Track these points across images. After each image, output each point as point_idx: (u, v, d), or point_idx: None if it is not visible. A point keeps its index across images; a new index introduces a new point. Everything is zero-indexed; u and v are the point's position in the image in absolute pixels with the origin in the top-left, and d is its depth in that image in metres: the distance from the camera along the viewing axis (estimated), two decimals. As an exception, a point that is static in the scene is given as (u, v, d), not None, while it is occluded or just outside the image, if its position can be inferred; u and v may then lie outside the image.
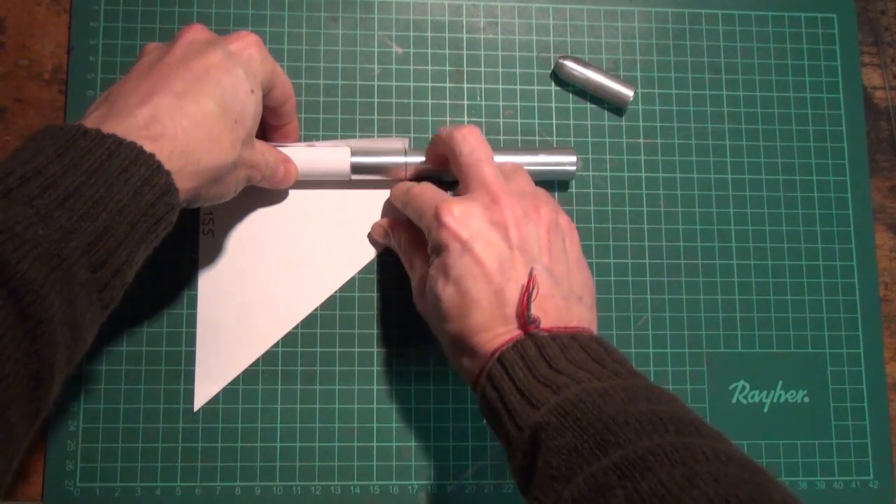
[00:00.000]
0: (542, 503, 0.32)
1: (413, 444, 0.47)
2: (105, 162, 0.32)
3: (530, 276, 0.37)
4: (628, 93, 0.50)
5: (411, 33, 0.51)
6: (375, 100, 0.50)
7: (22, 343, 0.28)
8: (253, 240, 0.47)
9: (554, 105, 0.51)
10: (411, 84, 0.50)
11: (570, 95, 0.51)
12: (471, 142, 0.41)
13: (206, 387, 0.46)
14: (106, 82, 0.48)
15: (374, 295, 0.48)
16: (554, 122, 0.50)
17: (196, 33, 0.38)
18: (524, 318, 0.36)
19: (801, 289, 0.50)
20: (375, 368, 0.47)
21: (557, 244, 0.40)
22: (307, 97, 0.49)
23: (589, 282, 0.41)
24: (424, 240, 0.42)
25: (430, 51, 0.51)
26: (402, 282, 0.48)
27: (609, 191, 0.50)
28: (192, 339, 0.46)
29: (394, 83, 0.50)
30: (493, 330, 0.37)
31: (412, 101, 0.50)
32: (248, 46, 0.38)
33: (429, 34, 0.51)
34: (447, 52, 0.51)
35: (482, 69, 0.51)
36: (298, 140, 0.47)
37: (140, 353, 0.46)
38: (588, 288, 0.40)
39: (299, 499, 0.46)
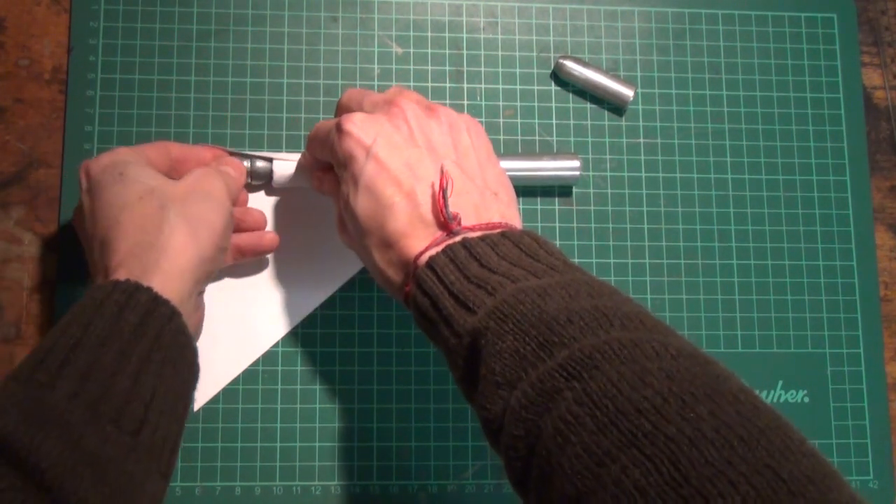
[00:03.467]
0: (489, 411, 0.30)
1: (413, 444, 0.47)
2: (87, 307, 0.33)
3: (442, 172, 0.35)
4: (628, 93, 0.50)
5: (411, 33, 0.51)
6: (375, 100, 0.50)
7: None
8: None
9: (554, 105, 0.51)
10: (411, 84, 0.50)
11: (570, 95, 0.51)
12: (351, 92, 0.41)
13: (207, 387, 0.46)
14: (106, 82, 0.48)
15: (374, 295, 0.48)
16: (554, 122, 0.50)
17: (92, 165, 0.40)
18: (443, 216, 0.35)
19: (801, 289, 0.50)
20: (375, 368, 0.47)
21: (464, 140, 0.38)
22: (307, 97, 0.49)
23: (503, 177, 0.39)
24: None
25: (430, 51, 0.51)
26: (402, 282, 0.48)
27: (609, 191, 0.50)
28: (192, 339, 0.46)
29: (394, 83, 0.50)
30: (414, 234, 0.35)
31: (412, 101, 0.50)
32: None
33: (429, 34, 0.51)
34: (447, 52, 0.51)
35: (482, 69, 0.51)
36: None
37: (140, 353, 0.46)
38: (503, 184, 0.39)
39: (299, 499, 0.46)
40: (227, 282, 0.47)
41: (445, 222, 0.35)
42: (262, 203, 0.47)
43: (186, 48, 0.49)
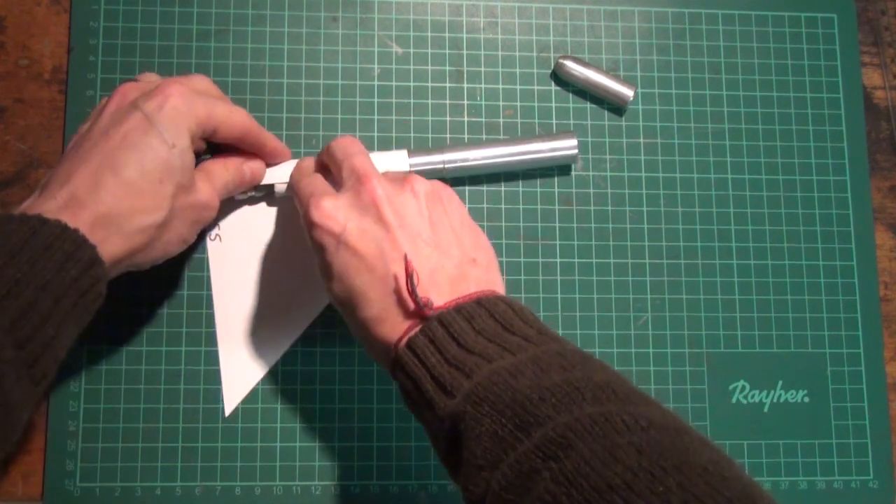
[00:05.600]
0: (472, 493, 0.31)
1: (413, 444, 0.47)
2: (29, 240, 0.33)
3: (406, 261, 0.35)
4: (628, 93, 0.50)
5: (411, 33, 0.51)
6: (375, 100, 0.50)
7: None
8: (259, 242, 0.47)
9: (554, 105, 0.51)
10: (411, 84, 0.50)
11: (570, 95, 0.51)
12: (340, 143, 0.41)
13: (236, 389, 0.46)
14: (106, 82, 0.48)
15: (374, 295, 0.48)
16: (554, 122, 0.50)
17: (122, 97, 0.39)
18: (413, 304, 0.35)
19: (801, 289, 0.50)
20: (375, 368, 0.47)
21: (437, 211, 0.38)
22: (307, 97, 0.49)
23: (481, 241, 0.39)
24: None
25: (430, 51, 0.51)
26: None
27: (609, 191, 0.50)
28: (192, 339, 0.46)
29: (394, 83, 0.50)
30: (389, 320, 0.36)
31: (412, 101, 0.50)
32: (167, 99, 0.37)
33: (429, 34, 0.51)
34: (447, 52, 0.51)
35: (482, 69, 0.51)
36: (291, 155, 0.46)
37: (140, 352, 0.46)
38: (482, 248, 0.39)
39: (299, 499, 0.46)
40: (241, 286, 0.47)
41: (417, 310, 0.35)
42: (264, 214, 0.47)
43: (186, 48, 0.49)
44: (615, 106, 0.51)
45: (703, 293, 0.50)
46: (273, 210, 0.47)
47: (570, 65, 0.50)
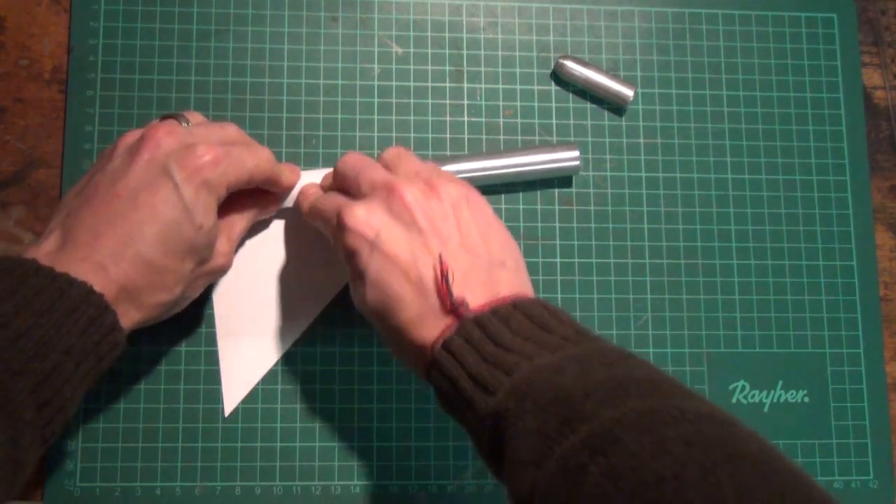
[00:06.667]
0: (518, 490, 0.31)
1: (413, 444, 0.47)
2: (56, 302, 0.33)
3: (441, 261, 0.35)
4: (628, 93, 0.50)
5: (411, 33, 0.51)
6: (375, 100, 0.50)
7: None
8: (259, 243, 0.47)
9: (554, 105, 0.51)
10: (411, 84, 0.50)
11: (570, 95, 0.51)
12: (348, 161, 0.41)
13: (235, 390, 0.46)
14: (106, 82, 0.48)
15: (374, 295, 0.48)
16: (554, 122, 0.50)
17: (155, 147, 0.37)
18: (449, 305, 0.35)
19: (801, 289, 0.50)
20: (375, 368, 0.47)
21: (465, 215, 0.38)
22: (307, 97, 0.49)
23: (509, 244, 0.39)
24: None
25: (430, 51, 0.51)
26: (402, 282, 0.48)
27: (609, 191, 0.50)
28: (192, 339, 0.46)
29: (394, 83, 0.50)
30: (425, 323, 0.36)
31: (412, 101, 0.50)
32: (200, 172, 0.37)
33: (429, 34, 0.51)
34: (447, 52, 0.51)
35: (482, 69, 0.51)
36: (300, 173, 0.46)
37: (139, 352, 0.46)
38: (510, 251, 0.39)
39: (299, 499, 0.46)
40: (241, 288, 0.47)
41: (453, 309, 0.35)
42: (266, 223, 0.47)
43: (186, 48, 0.49)
44: (615, 106, 0.51)
45: (703, 293, 0.50)
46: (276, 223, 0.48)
47: (570, 65, 0.50)
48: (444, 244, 0.36)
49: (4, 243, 0.47)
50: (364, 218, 0.37)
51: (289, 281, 0.47)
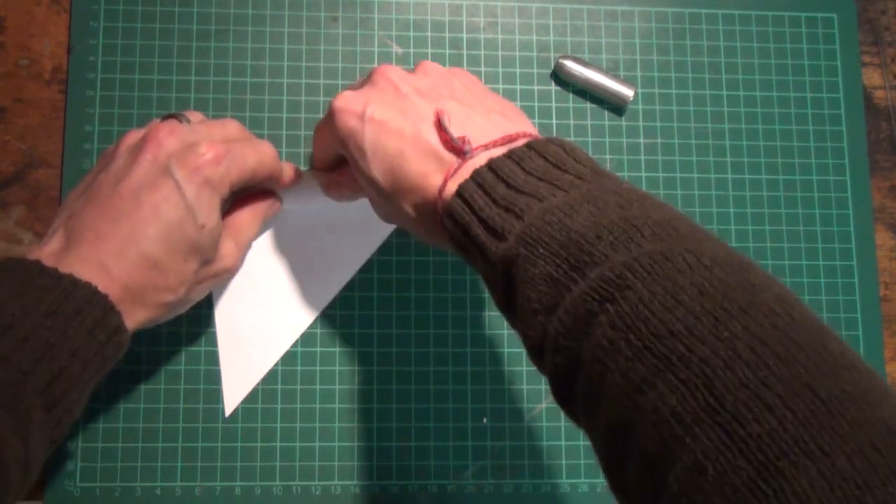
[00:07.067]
0: (530, 338, 0.30)
1: (413, 444, 0.47)
2: (62, 303, 0.33)
3: (435, 111, 0.35)
4: (628, 93, 0.50)
5: (411, 33, 0.51)
6: (375, 100, 0.50)
7: None
8: (259, 242, 0.47)
9: (554, 105, 0.51)
10: (411, 84, 0.50)
11: (570, 95, 0.51)
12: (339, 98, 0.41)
13: (236, 390, 0.46)
14: (106, 82, 0.48)
15: (374, 295, 0.48)
16: (554, 122, 0.50)
17: (157, 147, 0.37)
18: (450, 143, 0.34)
19: (802, 289, 0.50)
20: (375, 368, 0.47)
21: (454, 84, 0.38)
22: (307, 97, 0.49)
23: (504, 100, 0.38)
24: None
25: (430, 51, 0.51)
26: (402, 281, 0.48)
27: (609, 191, 0.50)
28: (192, 339, 0.46)
29: (394, 83, 0.50)
30: (431, 171, 0.35)
31: (412, 101, 0.50)
32: (202, 170, 0.37)
33: (429, 34, 0.51)
34: (447, 52, 0.51)
35: (482, 69, 0.51)
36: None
37: (139, 352, 0.46)
38: (507, 105, 0.38)
39: (299, 499, 0.46)
40: (241, 289, 0.47)
41: (453, 147, 0.34)
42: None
43: (186, 48, 0.49)
44: (615, 106, 0.51)
45: (703, 293, 0.49)
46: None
47: (570, 65, 0.50)
48: (436, 100, 0.36)
49: (4, 243, 0.47)
50: (351, 97, 0.37)
51: (289, 281, 0.47)
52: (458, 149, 0.34)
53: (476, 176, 0.33)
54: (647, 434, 0.25)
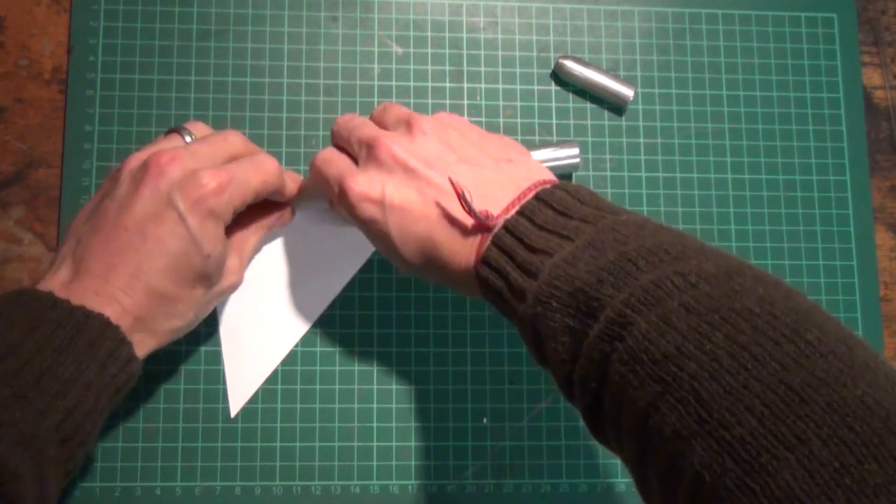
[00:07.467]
0: (560, 382, 0.32)
1: (413, 444, 0.47)
2: (75, 337, 0.34)
3: (452, 183, 0.35)
4: (628, 93, 0.50)
5: (411, 33, 0.51)
6: (375, 100, 0.50)
7: None
8: (262, 247, 0.47)
9: (554, 105, 0.51)
10: (411, 84, 0.50)
11: (570, 95, 0.51)
12: (340, 122, 0.41)
13: (240, 391, 0.46)
14: (106, 82, 0.48)
15: (374, 295, 0.48)
16: (554, 122, 0.50)
17: (158, 174, 0.37)
18: (476, 221, 0.35)
19: (801, 289, 0.50)
20: (375, 368, 0.47)
21: (454, 138, 0.38)
22: (307, 97, 0.49)
23: (506, 142, 0.39)
24: None
25: (430, 51, 0.51)
26: (402, 281, 0.48)
27: (609, 191, 0.50)
28: (192, 339, 0.46)
29: (394, 83, 0.50)
30: (464, 248, 0.36)
31: (412, 101, 0.50)
32: (205, 201, 0.37)
33: (429, 34, 0.51)
34: (447, 51, 0.51)
35: (482, 69, 0.51)
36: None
37: (140, 352, 0.46)
38: (511, 147, 0.39)
39: (299, 499, 0.46)
40: (244, 292, 0.47)
41: (479, 222, 0.35)
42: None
43: (186, 48, 0.49)
44: (615, 106, 0.51)
45: (703, 293, 0.50)
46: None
47: (570, 65, 0.50)
48: (445, 170, 0.37)
49: (4, 243, 0.47)
50: (365, 184, 0.37)
51: (291, 282, 0.47)
52: (484, 225, 0.35)
53: (497, 240, 0.34)
54: (658, 455, 0.26)
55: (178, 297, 0.38)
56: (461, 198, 0.35)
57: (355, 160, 0.40)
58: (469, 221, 0.35)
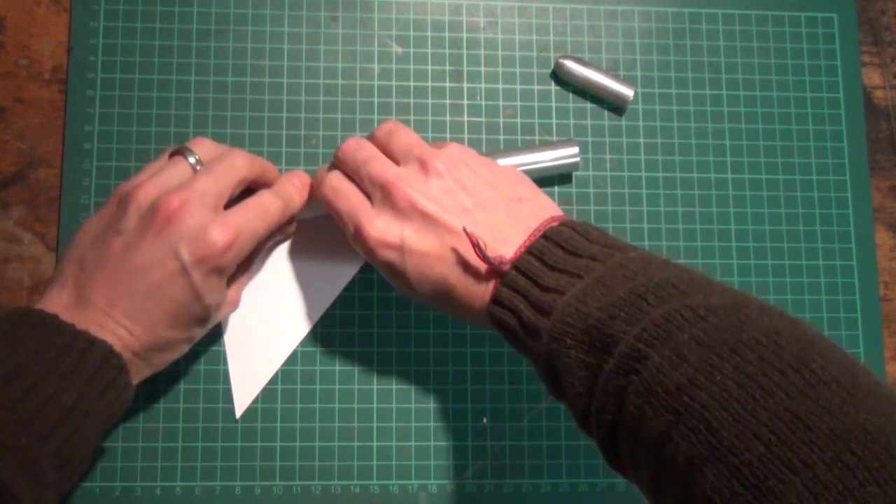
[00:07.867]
0: (577, 416, 0.33)
1: (413, 444, 0.47)
2: (79, 364, 0.35)
3: (466, 233, 0.36)
4: (628, 93, 0.50)
5: (411, 33, 0.51)
6: (375, 100, 0.50)
7: None
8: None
9: (554, 105, 0.51)
10: (411, 84, 0.50)
11: (570, 95, 0.51)
12: (347, 150, 0.41)
13: (244, 393, 0.46)
14: (106, 82, 0.48)
15: (374, 295, 0.48)
16: (554, 121, 0.50)
17: (165, 216, 0.37)
18: (491, 267, 0.37)
19: (801, 289, 0.50)
20: (375, 368, 0.47)
21: (465, 175, 0.39)
22: (307, 97, 0.49)
23: (515, 177, 0.40)
24: None
25: (430, 51, 0.51)
26: (402, 282, 0.48)
27: (609, 191, 0.50)
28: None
29: (394, 83, 0.50)
30: (479, 290, 0.37)
31: (412, 101, 0.50)
32: (209, 259, 0.38)
33: (429, 34, 0.51)
34: (447, 51, 0.51)
35: (482, 69, 0.51)
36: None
37: (140, 352, 0.46)
38: (519, 183, 0.40)
39: (299, 499, 0.46)
40: (247, 294, 0.47)
41: (494, 270, 0.37)
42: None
43: (186, 48, 0.49)
44: (615, 106, 0.51)
45: (703, 293, 0.50)
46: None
47: (570, 65, 0.50)
48: (461, 214, 0.38)
49: (4, 243, 0.47)
50: (383, 229, 0.38)
51: (293, 283, 0.47)
52: (497, 270, 0.36)
53: (508, 281, 0.36)
54: (672, 482, 0.27)
55: (177, 337, 0.39)
56: (475, 246, 0.36)
57: (365, 192, 0.40)
58: (483, 267, 0.37)
